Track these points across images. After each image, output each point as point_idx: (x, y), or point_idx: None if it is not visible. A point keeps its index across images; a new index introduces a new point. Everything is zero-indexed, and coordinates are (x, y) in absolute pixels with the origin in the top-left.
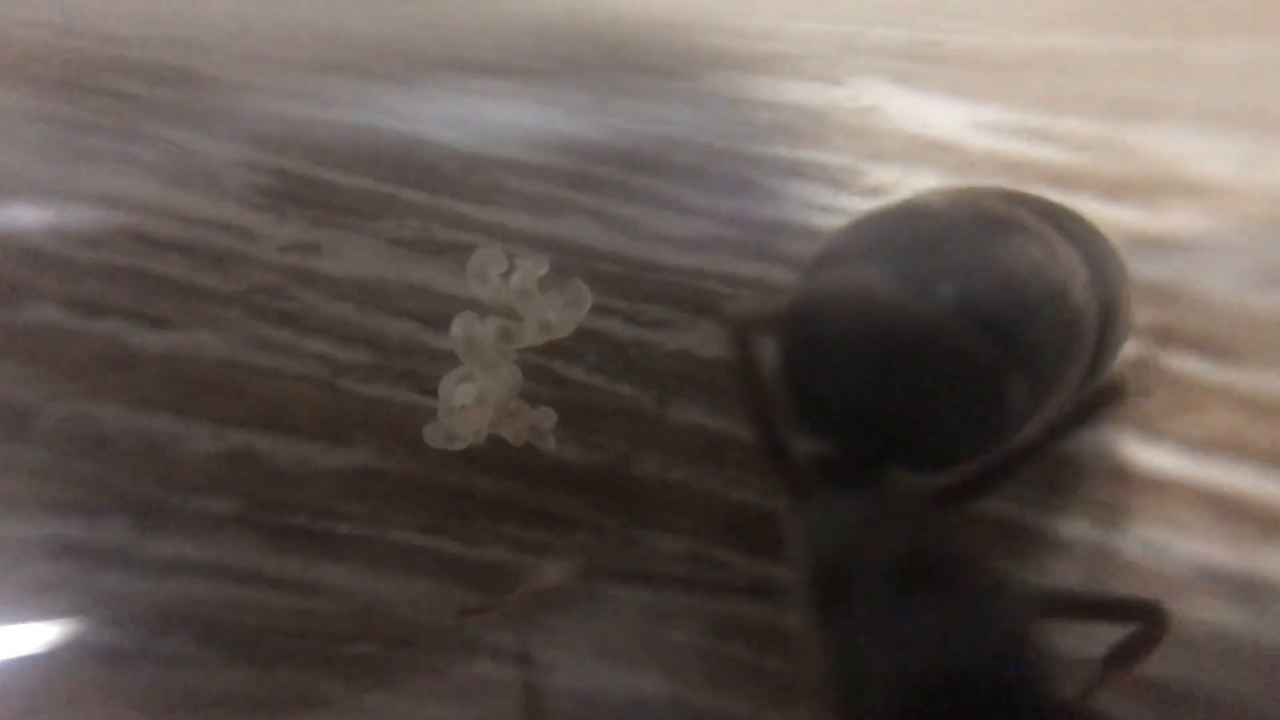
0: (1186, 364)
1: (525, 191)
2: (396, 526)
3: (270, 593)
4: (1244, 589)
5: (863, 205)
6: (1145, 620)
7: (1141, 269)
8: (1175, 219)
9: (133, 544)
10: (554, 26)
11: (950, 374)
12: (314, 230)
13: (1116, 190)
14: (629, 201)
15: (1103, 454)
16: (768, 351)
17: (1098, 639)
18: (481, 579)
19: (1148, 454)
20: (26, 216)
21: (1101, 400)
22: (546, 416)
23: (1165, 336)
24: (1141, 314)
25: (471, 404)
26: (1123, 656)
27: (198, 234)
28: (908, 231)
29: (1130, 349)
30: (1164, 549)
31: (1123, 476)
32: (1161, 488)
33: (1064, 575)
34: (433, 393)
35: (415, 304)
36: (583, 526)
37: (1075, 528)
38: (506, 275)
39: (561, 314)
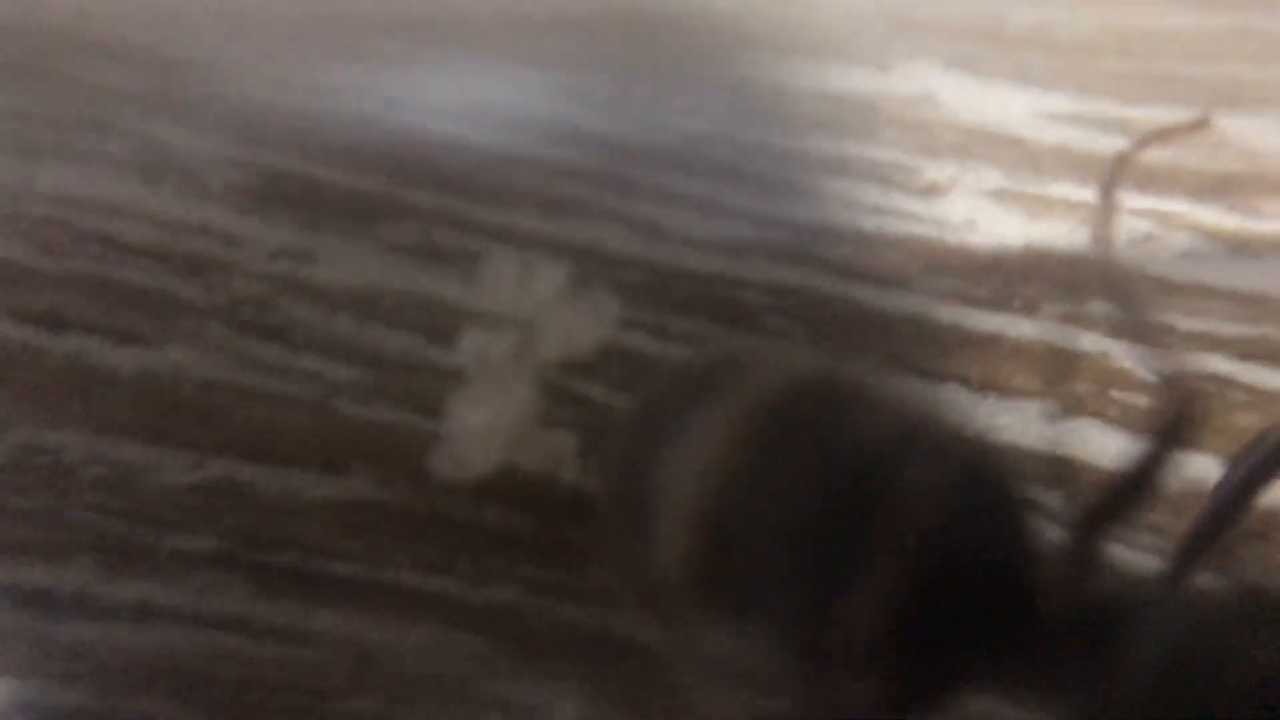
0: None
1: (541, 191)
2: (397, 566)
3: (255, 642)
4: None
5: (916, 205)
6: None
7: (1232, 277)
8: (1272, 221)
9: (98, 590)
10: (573, 8)
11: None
12: (305, 235)
13: (1205, 189)
14: (656, 202)
15: (1192, 488)
16: None
17: None
18: (492, 624)
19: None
20: None
21: (1172, 429)
22: (565, 441)
23: (1255, 352)
24: (1228, 325)
25: (482, 427)
26: None
27: (174, 239)
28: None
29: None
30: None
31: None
32: (1260, 524)
33: None
34: (438, 415)
35: (419, 317)
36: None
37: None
38: (521, 284)
39: (582, 328)
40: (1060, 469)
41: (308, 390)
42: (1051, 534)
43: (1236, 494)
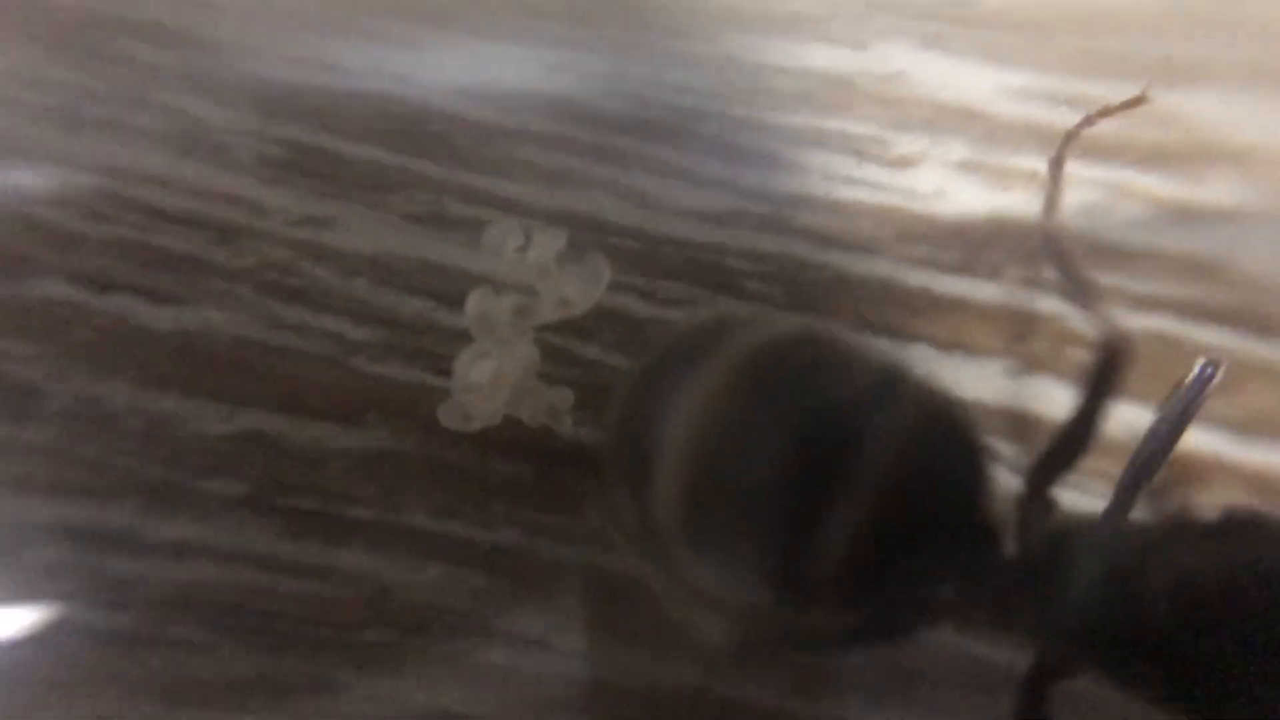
0: (1224, 340)
1: (541, 164)
2: (410, 510)
3: (281, 578)
4: None
5: (888, 176)
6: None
7: (1179, 241)
8: (1216, 189)
9: (141, 527)
10: None
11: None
12: (325, 204)
13: (1155, 158)
14: (647, 173)
15: (1136, 435)
16: None
17: None
18: (497, 563)
19: (1186, 434)
20: (28, 185)
21: (1107, 368)
22: (563, 396)
23: (1198, 311)
24: (1175, 287)
25: (487, 383)
26: None
27: (206, 207)
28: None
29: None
30: None
31: None
32: (1202, 467)
33: None
34: (447, 372)
35: (429, 280)
36: (595, 508)
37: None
38: (522, 250)
39: (579, 290)
40: (1020, 422)
41: (328, 348)
42: (1009, 481)
43: (1166, 434)
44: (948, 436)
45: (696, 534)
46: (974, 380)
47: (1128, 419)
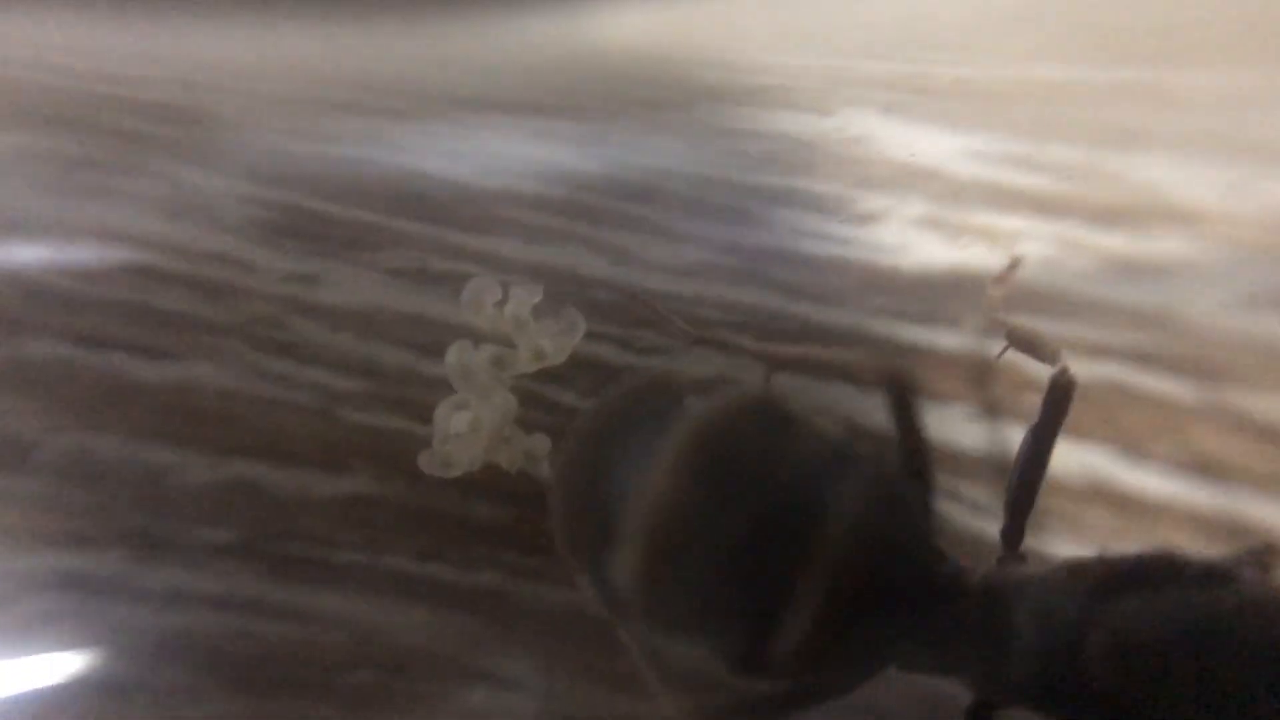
0: (1171, 387)
1: (520, 221)
2: (393, 554)
3: (268, 622)
4: None
5: (853, 231)
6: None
7: (1127, 294)
8: (1160, 245)
9: (132, 575)
10: (549, 62)
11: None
12: (312, 262)
13: (1102, 216)
14: (622, 230)
15: (1089, 478)
16: None
17: None
18: (480, 605)
19: (1134, 476)
20: (28, 253)
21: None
22: (541, 443)
23: (1145, 360)
24: (1124, 337)
25: (466, 431)
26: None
27: (198, 267)
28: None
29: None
30: None
31: (1111, 499)
32: (1149, 510)
33: None
34: (429, 420)
35: (411, 333)
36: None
37: (1064, 550)
38: (501, 303)
39: (555, 341)
40: (982, 463)
41: (314, 399)
42: (971, 523)
43: (1034, 451)
44: (898, 504)
45: (655, 609)
46: (937, 424)
47: (1082, 460)
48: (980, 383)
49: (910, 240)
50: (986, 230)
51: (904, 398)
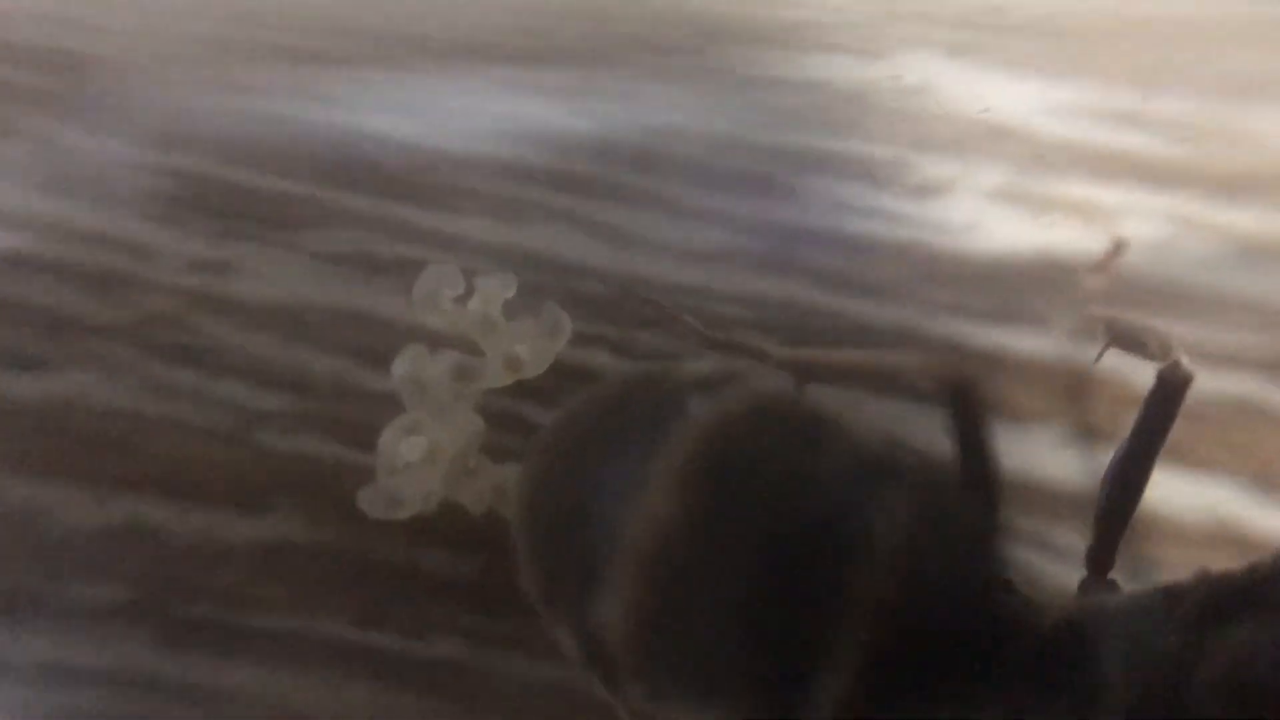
0: None
1: (489, 193)
2: (326, 616)
3: (166, 702)
4: None
5: (910, 206)
6: None
7: (1257, 285)
8: None
9: None
10: None
11: None
12: (224, 245)
13: (1226, 187)
14: (618, 205)
15: (1210, 517)
16: None
17: None
18: (435, 681)
19: (1267, 515)
20: None
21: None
22: (515, 475)
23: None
24: (1252, 340)
25: (420, 461)
26: None
27: (80, 252)
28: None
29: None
30: None
31: (1237, 543)
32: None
33: None
34: (372, 447)
35: (350, 336)
36: None
37: None
38: (464, 299)
39: (533, 346)
40: (1074, 501)
41: (226, 419)
42: (1058, 572)
43: (1134, 458)
44: (957, 525)
45: (654, 668)
46: (1015, 450)
47: (1203, 496)
48: (1071, 398)
49: (982, 218)
50: (1080, 205)
51: (969, 412)
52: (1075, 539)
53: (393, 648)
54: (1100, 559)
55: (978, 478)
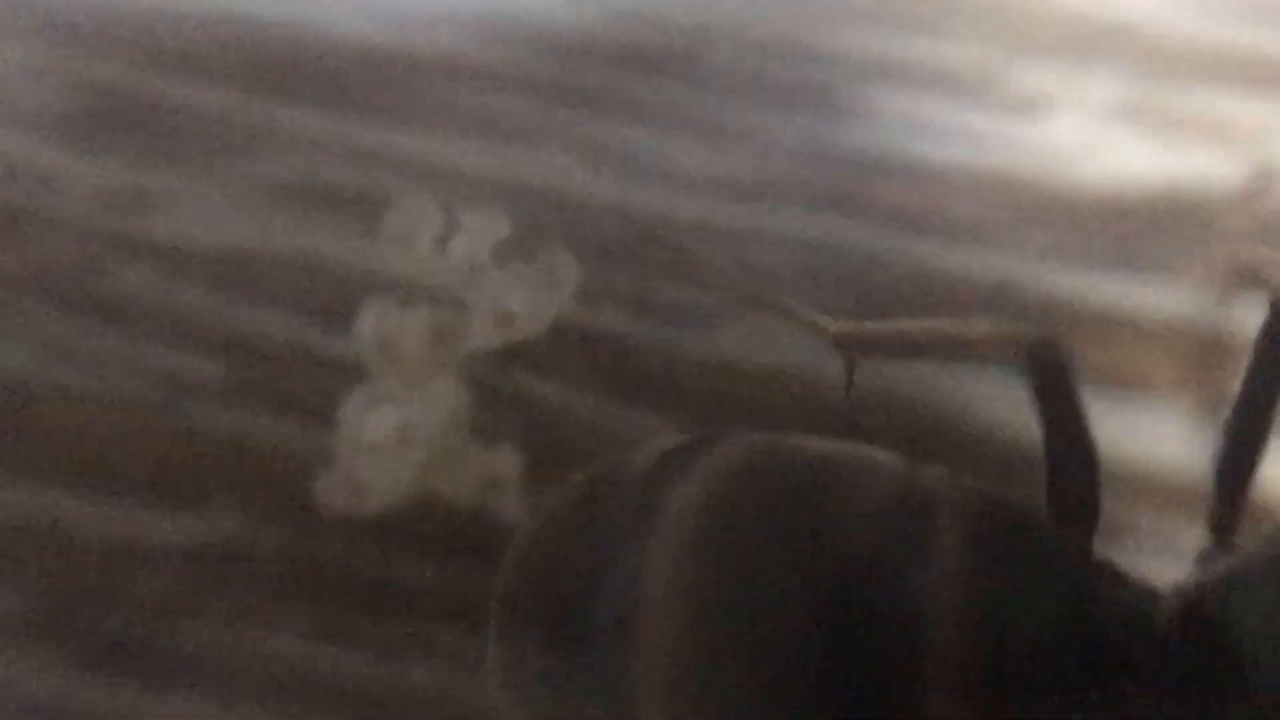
0: None
1: (473, 108)
2: (273, 633)
3: None
4: None
5: (1003, 126)
6: None
7: None
8: None
9: None
10: None
11: None
12: (144, 172)
13: None
14: (633, 123)
15: None
16: None
17: None
18: (404, 714)
19: None
20: None
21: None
22: (507, 460)
23: None
24: None
25: (390, 441)
26: None
27: None
28: None
29: None
30: None
31: None
32: None
33: None
34: (330, 424)
35: (302, 285)
36: None
37: None
38: (443, 241)
39: (528, 301)
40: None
41: (151, 390)
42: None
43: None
44: (1023, 548)
45: None
46: (1130, 427)
47: None
48: (1204, 364)
49: (1095, 139)
50: (1218, 124)
51: (1054, 383)
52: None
53: (357, 671)
54: (1224, 522)
55: (1069, 467)
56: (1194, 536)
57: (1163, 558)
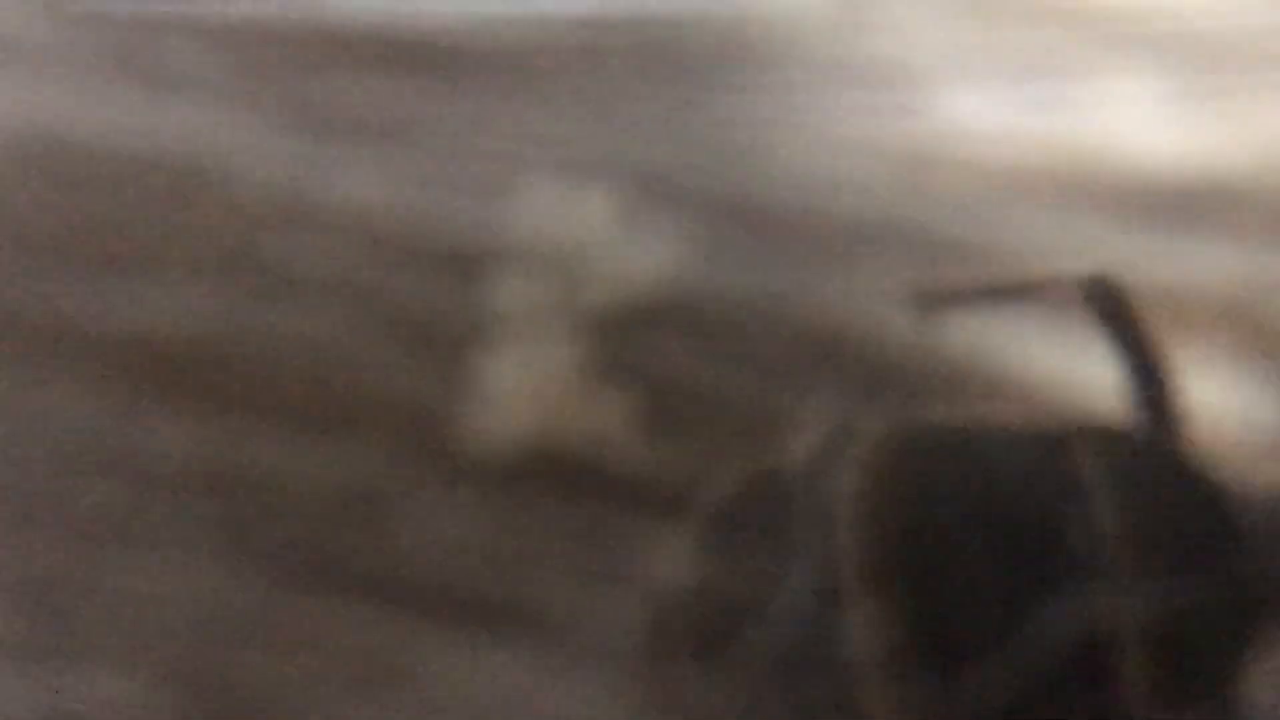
0: None
1: (590, 88)
2: (408, 553)
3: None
4: None
5: (1056, 111)
6: None
7: None
8: None
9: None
10: None
11: None
12: (299, 149)
13: None
14: (736, 97)
15: None
16: None
17: None
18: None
19: None
20: None
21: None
22: (626, 415)
23: None
24: None
25: (517, 392)
26: None
27: (149, 151)
28: None
29: None
30: None
31: None
32: None
33: None
34: (463, 376)
35: (438, 252)
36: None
37: None
38: (564, 211)
39: (643, 265)
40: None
41: (296, 344)
42: None
43: None
44: (1173, 467)
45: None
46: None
47: None
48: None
49: (1143, 127)
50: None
51: (1114, 312)
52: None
53: (488, 597)
54: None
55: (1149, 387)
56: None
57: None
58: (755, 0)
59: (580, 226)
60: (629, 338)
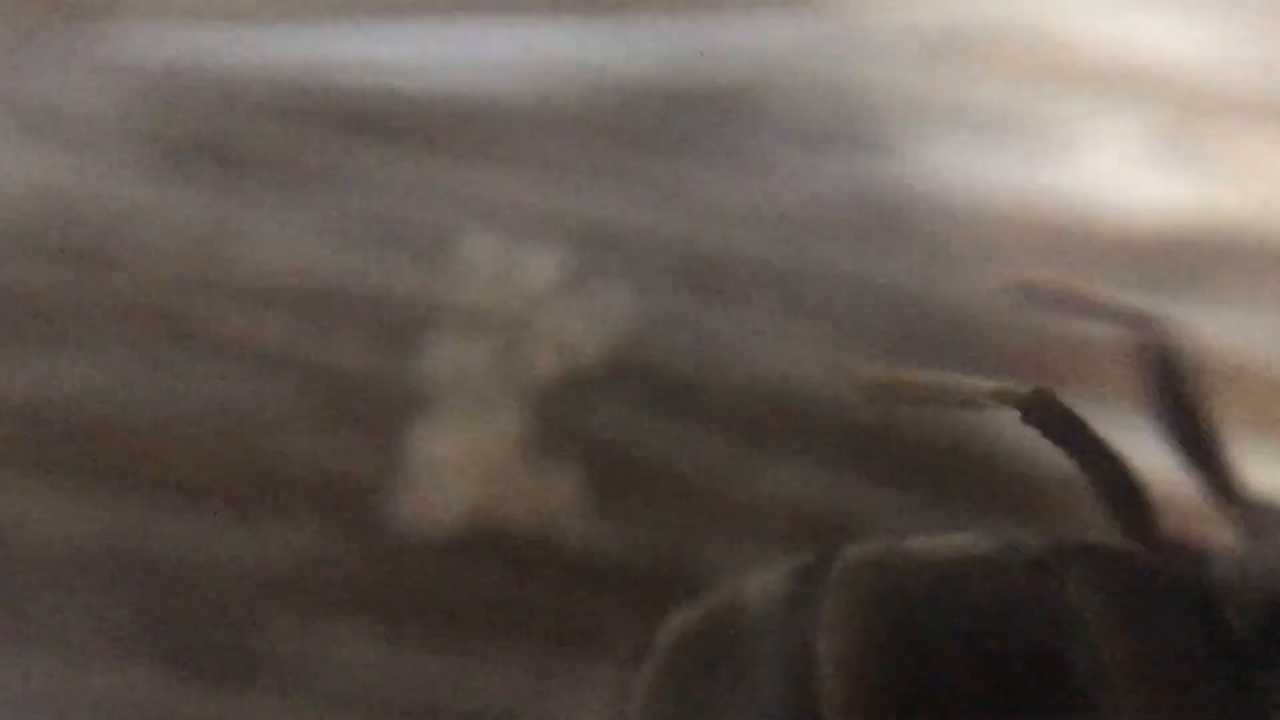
0: None
1: (536, 148)
2: (341, 644)
3: None
4: None
5: (1041, 163)
6: None
7: None
8: None
9: None
10: None
11: None
12: (221, 206)
13: None
14: (685, 160)
15: None
16: None
17: None
18: None
19: None
20: None
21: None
22: (567, 484)
23: None
24: None
25: (455, 464)
26: None
27: (57, 213)
28: None
29: None
30: None
31: None
32: None
33: None
34: (399, 447)
35: (371, 316)
36: (624, 644)
37: None
38: (506, 272)
39: (590, 329)
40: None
41: (221, 415)
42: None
43: None
44: (1149, 589)
45: None
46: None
47: None
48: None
49: (1130, 178)
50: (1248, 162)
51: (1064, 427)
52: None
53: (423, 673)
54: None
55: (1118, 497)
56: None
57: None
58: (711, 58)
59: (524, 289)
60: (575, 405)
